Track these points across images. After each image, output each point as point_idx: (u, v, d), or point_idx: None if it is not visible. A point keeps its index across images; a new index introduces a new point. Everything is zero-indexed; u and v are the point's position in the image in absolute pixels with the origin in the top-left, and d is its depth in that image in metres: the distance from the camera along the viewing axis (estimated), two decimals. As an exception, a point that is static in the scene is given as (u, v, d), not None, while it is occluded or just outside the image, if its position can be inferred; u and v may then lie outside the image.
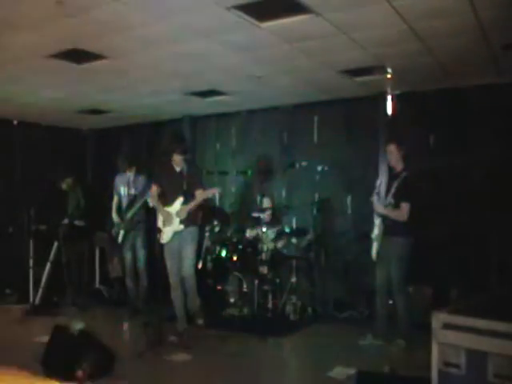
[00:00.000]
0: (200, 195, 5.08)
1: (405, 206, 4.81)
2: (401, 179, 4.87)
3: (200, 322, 5.15)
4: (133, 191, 6.39)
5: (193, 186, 5.08)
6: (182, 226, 5.05)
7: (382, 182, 5.13)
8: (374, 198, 4.96)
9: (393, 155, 5.05)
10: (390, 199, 4.87)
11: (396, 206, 4.85)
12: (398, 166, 5.02)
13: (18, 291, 6.97)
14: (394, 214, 4.84)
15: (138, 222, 6.33)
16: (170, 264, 5.11)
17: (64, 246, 6.93)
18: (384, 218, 4.91)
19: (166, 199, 5.17)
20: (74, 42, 4.58)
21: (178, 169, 5.16)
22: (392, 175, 5.07)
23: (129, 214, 6.31)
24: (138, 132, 8.72)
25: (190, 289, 5.18)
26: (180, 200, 5.07)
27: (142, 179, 6.38)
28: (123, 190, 6.47)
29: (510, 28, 4.13)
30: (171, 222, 5.06)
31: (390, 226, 4.88)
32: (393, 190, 4.88)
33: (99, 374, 3.93)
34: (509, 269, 5.23)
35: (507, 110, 5.59)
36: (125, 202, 6.45)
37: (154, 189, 5.24)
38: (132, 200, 6.36)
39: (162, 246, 5.18)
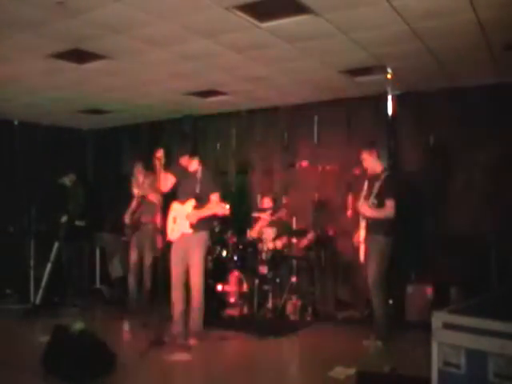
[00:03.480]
0: (214, 205, 4.92)
1: (390, 203, 4.84)
2: (382, 179, 4.90)
3: (192, 341, 4.89)
4: (141, 192, 6.50)
5: (206, 190, 4.97)
6: (190, 231, 4.94)
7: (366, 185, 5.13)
8: (361, 202, 4.97)
9: (368, 161, 5.08)
10: (374, 200, 4.89)
11: (379, 205, 4.87)
12: (377, 168, 5.05)
13: (19, 291, 6.96)
14: (381, 214, 4.86)
15: (145, 223, 6.37)
16: (173, 263, 5.05)
17: (64, 246, 6.94)
18: (368, 219, 4.94)
19: (179, 197, 5.11)
20: (74, 41, 4.59)
21: (191, 169, 5.10)
22: (372, 177, 5.05)
23: (136, 215, 6.45)
24: (138, 132, 8.73)
25: (195, 304, 4.96)
26: (191, 202, 4.97)
27: (150, 180, 6.39)
28: (136, 193, 6.59)
29: (510, 28, 4.13)
30: (181, 222, 5.01)
31: (372, 226, 4.92)
32: (375, 191, 4.90)
33: (99, 374, 3.93)
34: (509, 269, 5.23)
35: (507, 110, 5.59)
36: (135, 204, 6.59)
37: (166, 182, 5.09)
38: (139, 201, 6.50)
39: (165, 245, 5.15)
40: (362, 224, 4.99)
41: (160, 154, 4.98)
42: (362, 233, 5.00)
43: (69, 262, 7.15)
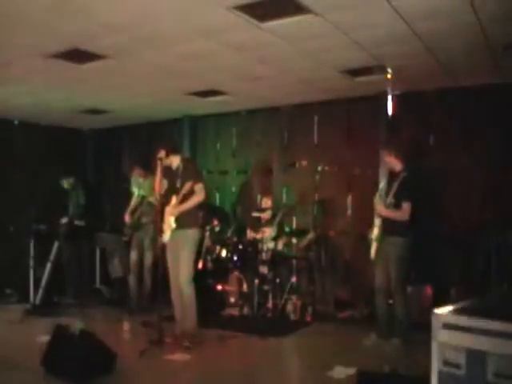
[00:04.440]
0: (196, 196, 4.92)
1: (406, 206, 4.85)
2: (400, 179, 4.94)
3: (186, 343, 4.80)
4: (142, 192, 6.56)
5: (186, 182, 4.97)
6: (174, 224, 4.95)
7: (383, 183, 5.15)
8: (377, 200, 4.98)
9: (387, 160, 5.13)
10: (391, 199, 4.92)
11: (396, 205, 4.89)
12: (396, 167, 5.06)
13: (19, 291, 6.97)
14: (396, 215, 4.87)
15: (146, 223, 6.42)
16: (168, 263, 5.08)
17: (64, 245, 6.94)
18: (384, 219, 4.94)
19: (168, 198, 5.14)
20: (74, 42, 4.59)
21: (174, 166, 5.13)
22: (392, 176, 5.11)
23: (136, 215, 6.52)
24: (138, 132, 8.72)
25: (185, 304, 4.93)
26: (174, 198, 5.00)
27: (150, 180, 6.39)
28: (136, 192, 6.64)
29: (510, 28, 4.13)
30: (168, 221, 5.03)
31: (389, 226, 4.91)
32: (393, 190, 4.94)
33: (99, 374, 3.93)
34: (509, 269, 5.23)
35: (507, 110, 5.59)
36: (135, 204, 6.63)
37: (162, 183, 5.10)
38: (140, 201, 6.56)
39: (164, 246, 5.17)
40: (377, 222, 4.98)
41: (161, 154, 4.98)
42: (375, 230, 4.99)
43: (69, 262, 7.14)
